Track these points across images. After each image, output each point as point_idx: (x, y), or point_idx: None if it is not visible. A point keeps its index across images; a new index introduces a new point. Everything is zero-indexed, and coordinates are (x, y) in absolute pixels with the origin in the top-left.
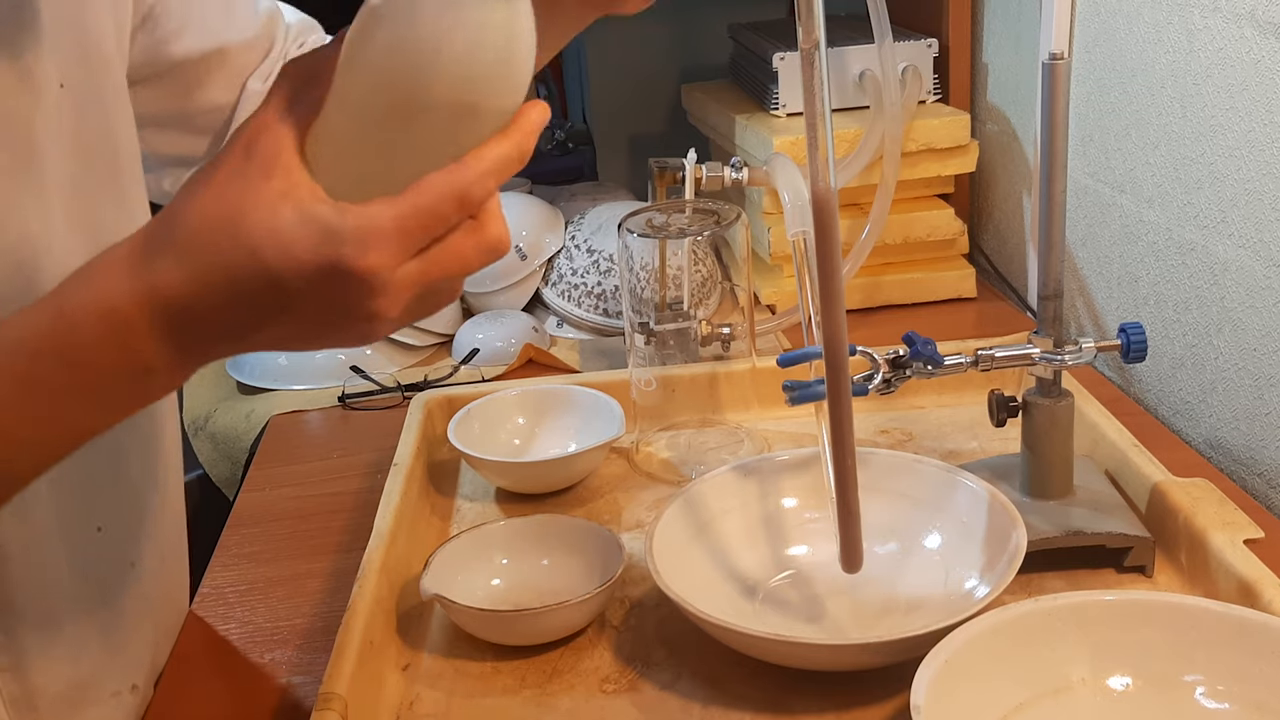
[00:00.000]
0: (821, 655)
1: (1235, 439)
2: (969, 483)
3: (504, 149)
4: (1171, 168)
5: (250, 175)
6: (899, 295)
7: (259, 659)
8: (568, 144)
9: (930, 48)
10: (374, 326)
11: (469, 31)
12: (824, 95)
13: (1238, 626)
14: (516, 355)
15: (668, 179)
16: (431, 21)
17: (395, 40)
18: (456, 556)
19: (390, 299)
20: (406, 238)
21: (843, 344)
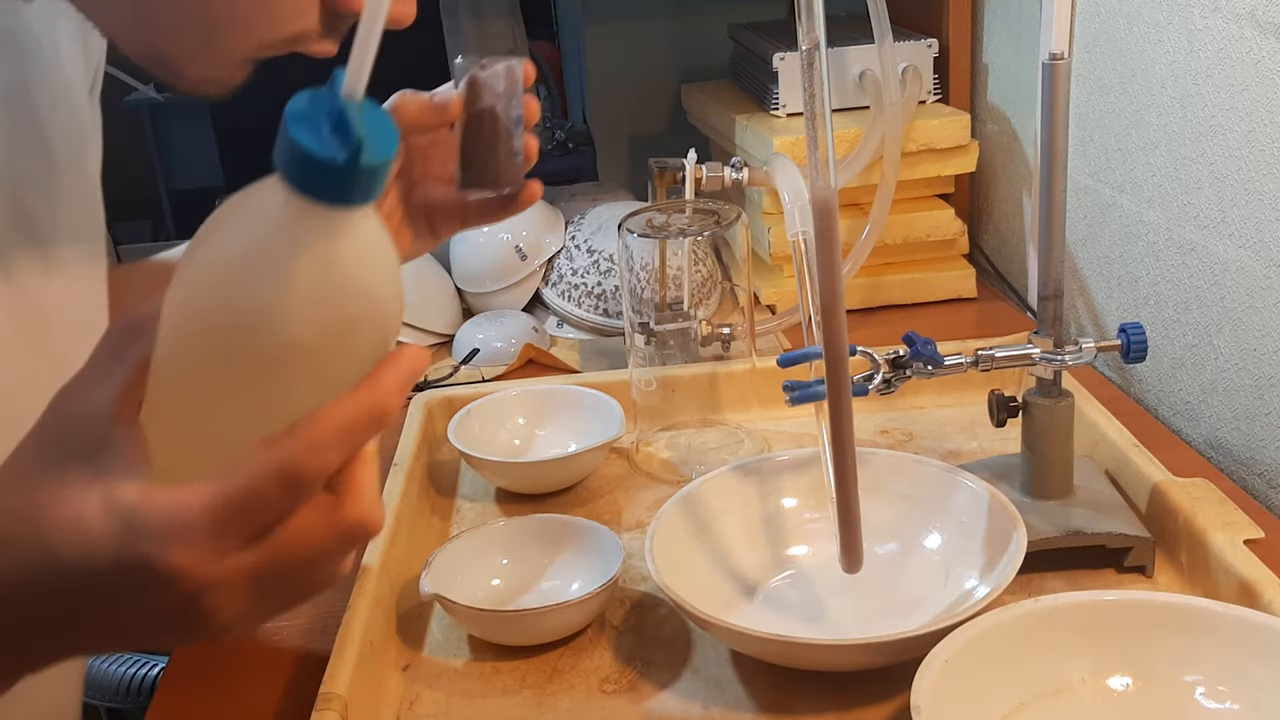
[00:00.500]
0: (821, 655)
1: (1235, 439)
2: (969, 483)
3: (348, 411)
4: (1172, 168)
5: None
6: (899, 295)
7: (259, 659)
8: (568, 144)
9: (930, 48)
10: (212, 625)
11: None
12: (824, 95)
13: (1238, 626)
14: (516, 355)
15: (668, 179)
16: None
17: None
18: (456, 556)
19: (220, 596)
20: (220, 529)
21: (843, 344)
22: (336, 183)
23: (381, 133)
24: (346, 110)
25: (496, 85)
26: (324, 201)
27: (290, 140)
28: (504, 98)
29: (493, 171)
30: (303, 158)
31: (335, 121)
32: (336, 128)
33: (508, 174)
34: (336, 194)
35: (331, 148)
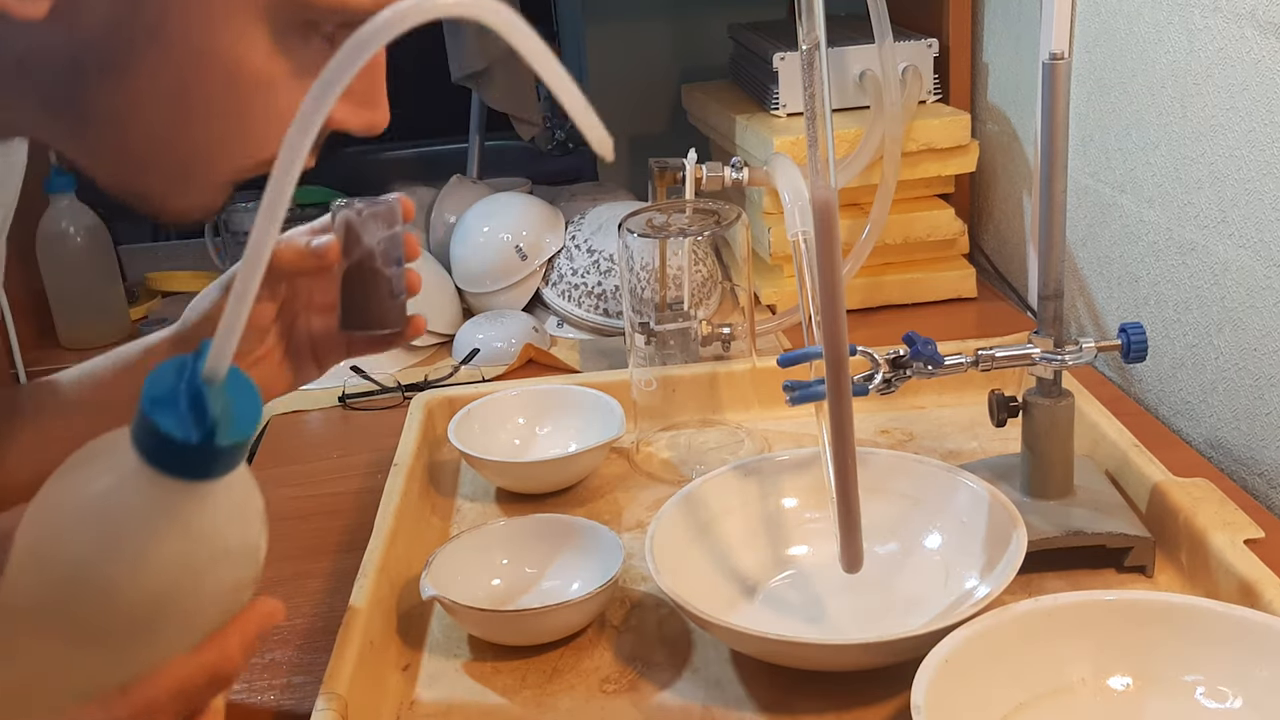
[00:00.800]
0: (821, 655)
1: (1236, 439)
2: (969, 483)
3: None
4: (1172, 167)
5: None
6: (899, 295)
7: (259, 659)
8: (568, 144)
9: (930, 48)
10: None
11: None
12: (824, 95)
13: (1238, 626)
14: (517, 355)
15: (668, 179)
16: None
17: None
18: (456, 556)
19: None
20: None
21: (843, 344)
22: (191, 462)
23: (243, 408)
24: (205, 392)
25: (375, 228)
26: (177, 477)
27: (146, 418)
28: (382, 240)
29: (374, 314)
30: (158, 436)
31: (193, 401)
32: (194, 407)
33: (389, 316)
34: (191, 470)
35: (187, 429)
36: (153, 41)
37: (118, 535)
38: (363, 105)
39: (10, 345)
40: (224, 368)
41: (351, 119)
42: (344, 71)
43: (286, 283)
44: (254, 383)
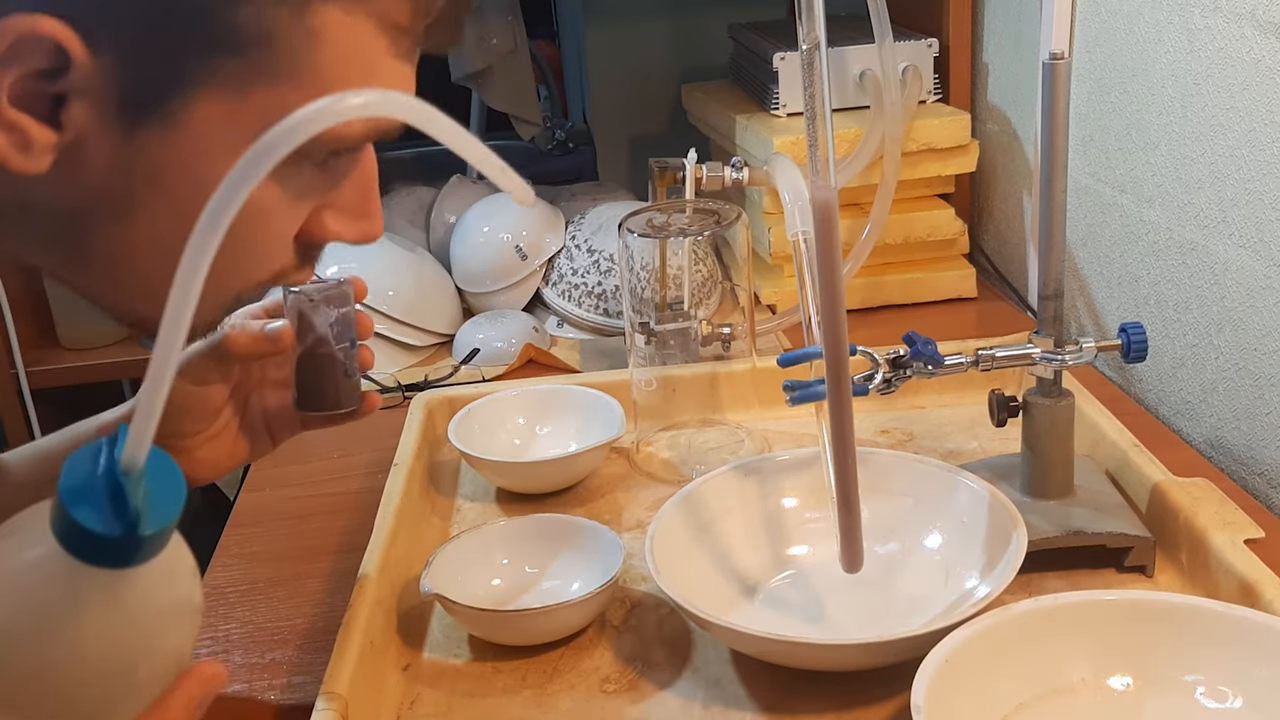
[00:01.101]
0: (821, 655)
1: (1236, 439)
2: (969, 483)
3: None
4: (1172, 167)
5: None
6: (899, 295)
7: (259, 659)
8: (568, 144)
9: (930, 48)
10: None
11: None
12: (824, 95)
13: (1238, 626)
14: (517, 355)
15: (668, 179)
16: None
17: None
18: (456, 556)
19: None
20: None
21: (843, 344)
22: (115, 553)
23: (165, 492)
24: (124, 483)
25: (327, 312)
26: (102, 567)
27: (64, 511)
28: (335, 323)
29: (329, 396)
30: (78, 531)
31: (112, 492)
32: (113, 499)
33: (344, 397)
34: (115, 561)
35: (108, 523)
36: (152, 189)
37: (44, 612)
38: (358, 218)
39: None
40: (142, 456)
41: (346, 231)
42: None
43: (241, 365)
44: (175, 464)
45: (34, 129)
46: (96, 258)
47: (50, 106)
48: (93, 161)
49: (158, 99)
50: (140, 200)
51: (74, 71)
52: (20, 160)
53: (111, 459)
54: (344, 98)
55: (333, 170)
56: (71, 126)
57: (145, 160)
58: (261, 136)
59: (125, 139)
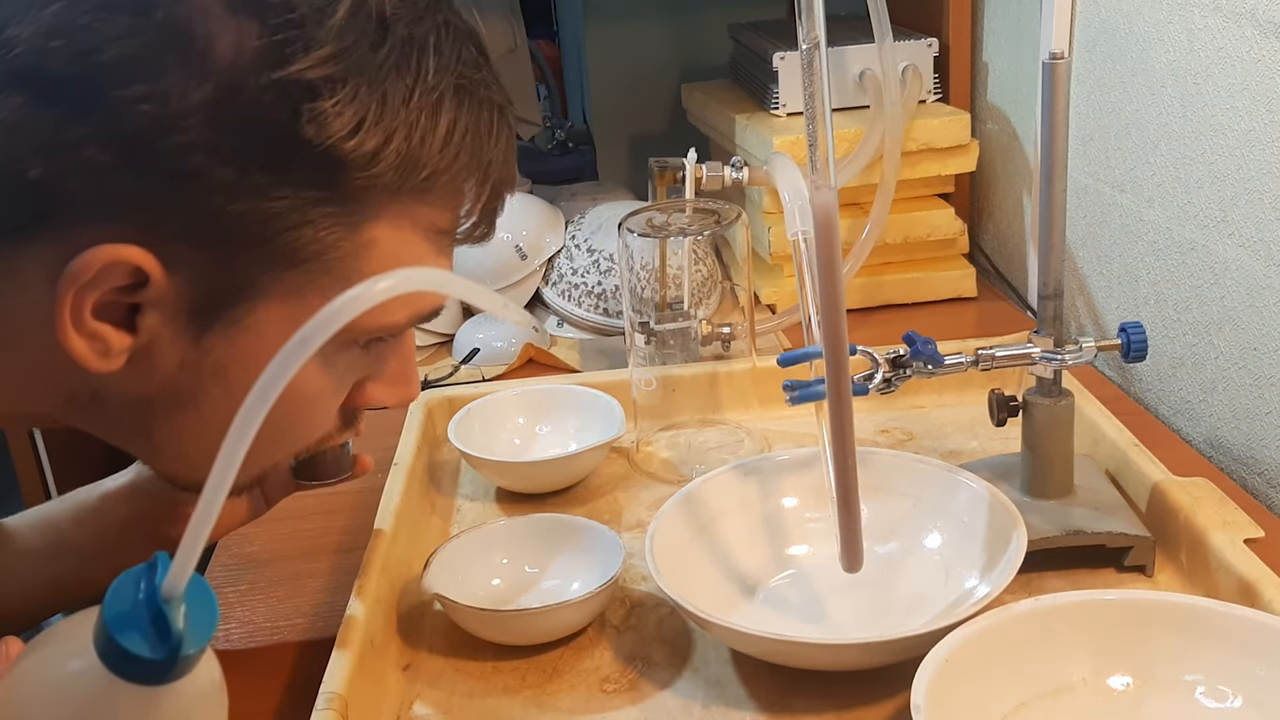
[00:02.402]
0: (821, 655)
1: (1235, 438)
2: (969, 482)
3: None
4: (1172, 167)
5: None
6: (899, 295)
7: (259, 658)
8: (568, 144)
9: (930, 47)
10: None
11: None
12: (824, 95)
13: (1238, 626)
14: (516, 355)
15: (668, 179)
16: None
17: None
18: (456, 556)
19: None
20: None
21: (843, 344)
22: (156, 673)
23: (201, 613)
24: (166, 610)
25: None
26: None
27: (110, 637)
28: None
29: (323, 467)
30: (123, 654)
31: (155, 619)
32: (156, 624)
33: (338, 465)
34: (155, 679)
35: (152, 646)
36: (217, 383)
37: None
38: (398, 385)
39: None
40: (182, 585)
41: (387, 398)
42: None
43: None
44: (208, 586)
45: (112, 336)
46: (161, 439)
47: (127, 314)
48: (163, 360)
49: (225, 307)
50: (206, 392)
51: (151, 288)
52: (98, 363)
53: (153, 587)
54: (374, 282)
55: (376, 352)
56: (146, 331)
57: (212, 359)
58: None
59: (194, 342)
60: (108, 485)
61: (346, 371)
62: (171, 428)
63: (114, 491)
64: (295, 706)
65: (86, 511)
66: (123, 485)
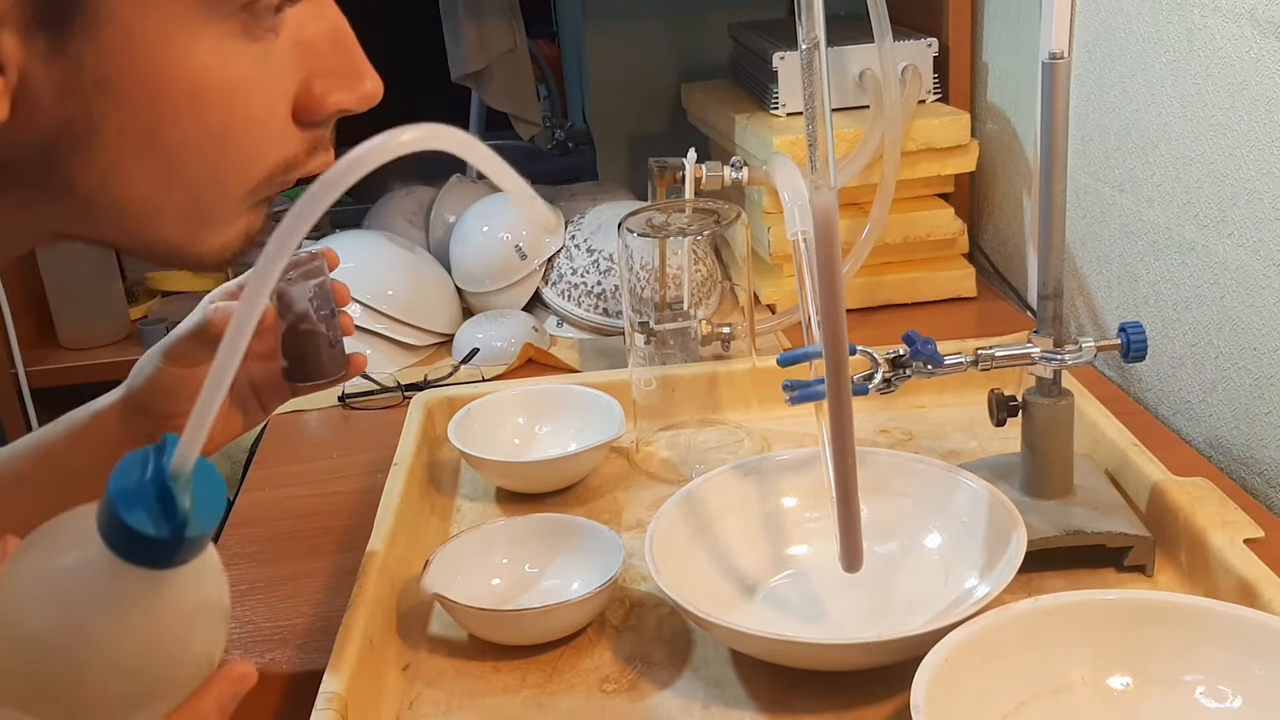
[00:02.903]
0: (821, 655)
1: (1235, 438)
2: (969, 482)
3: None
4: (1171, 167)
5: None
6: (899, 295)
7: (259, 659)
8: (568, 144)
9: (930, 47)
10: None
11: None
12: (824, 95)
13: (1238, 626)
14: (516, 355)
15: (668, 179)
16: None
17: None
18: (456, 556)
19: None
20: None
21: (843, 344)
22: (160, 554)
23: (208, 496)
24: (172, 488)
25: (304, 287)
26: (148, 567)
27: (115, 514)
28: (313, 297)
29: (315, 367)
30: (127, 532)
31: (161, 497)
32: (162, 503)
33: (330, 365)
34: (159, 562)
35: (157, 525)
36: (105, 98)
37: (82, 614)
38: (349, 78)
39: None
40: (190, 463)
41: (343, 96)
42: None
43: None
44: (217, 472)
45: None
46: (86, 190)
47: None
48: (43, 91)
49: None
50: (101, 114)
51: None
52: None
53: (160, 465)
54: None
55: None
56: (9, 63)
57: (87, 71)
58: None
59: (60, 56)
60: (99, 404)
61: (277, 67)
62: (88, 172)
63: (106, 409)
64: (295, 706)
65: (79, 432)
66: (114, 402)
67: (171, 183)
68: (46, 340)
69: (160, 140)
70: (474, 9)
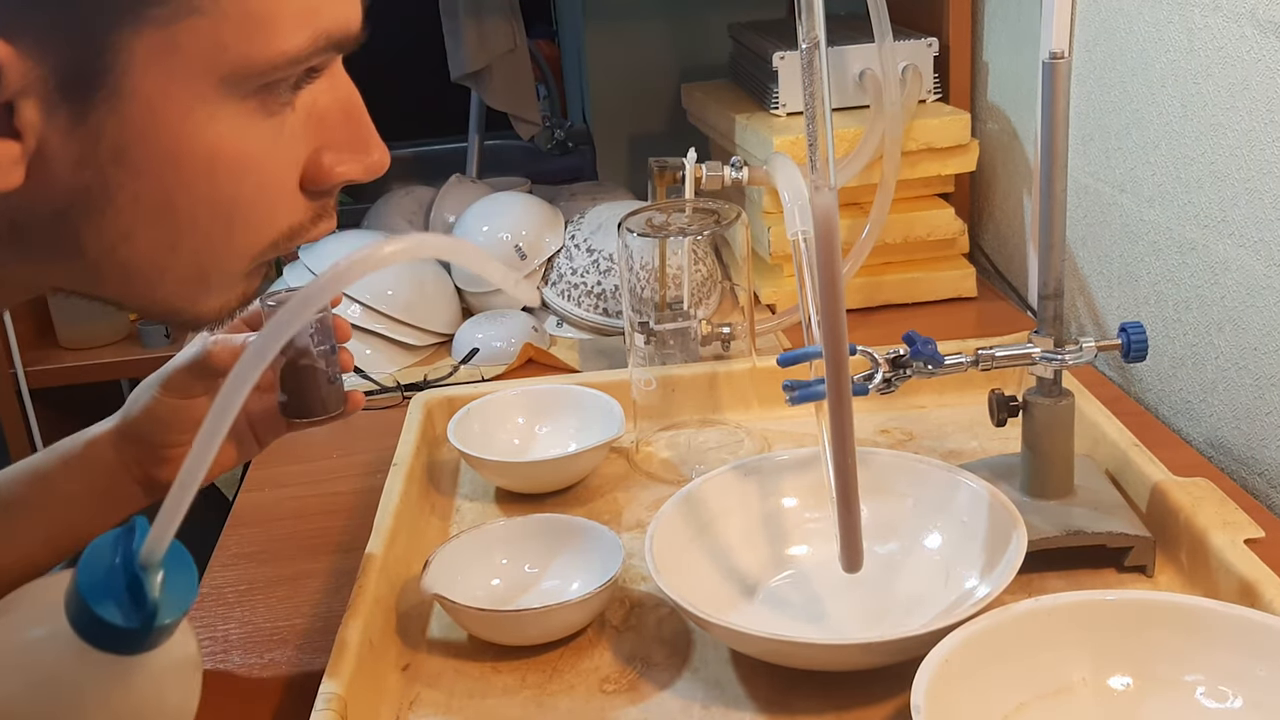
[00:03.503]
0: (821, 655)
1: (1236, 438)
2: (969, 482)
3: None
4: (1172, 167)
5: None
6: (899, 295)
7: (259, 659)
8: (568, 144)
9: (930, 47)
10: None
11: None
12: (824, 94)
13: (1238, 626)
14: (516, 355)
15: (668, 178)
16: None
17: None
18: (456, 556)
19: None
20: None
21: (843, 344)
22: (129, 642)
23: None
24: (143, 578)
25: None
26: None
27: (84, 603)
28: (314, 332)
29: (313, 403)
30: (96, 622)
31: (131, 586)
32: (132, 592)
33: (328, 402)
34: (129, 649)
35: (127, 616)
36: (121, 168)
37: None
38: (356, 150)
39: (9, 345)
40: (161, 552)
41: (350, 169)
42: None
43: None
44: (187, 553)
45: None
46: (95, 253)
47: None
48: (60, 159)
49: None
50: (117, 184)
51: (7, 74)
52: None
53: (129, 551)
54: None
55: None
56: (28, 130)
57: (106, 142)
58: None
59: (80, 126)
60: (93, 432)
61: (290, 139)
62: (98, 235)
63: (100, 437)
64: (295, 706)
65: (74, 459)
66: (108, 430)
67: (179, 249)
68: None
69: (173, 209)
70: (474, 9)
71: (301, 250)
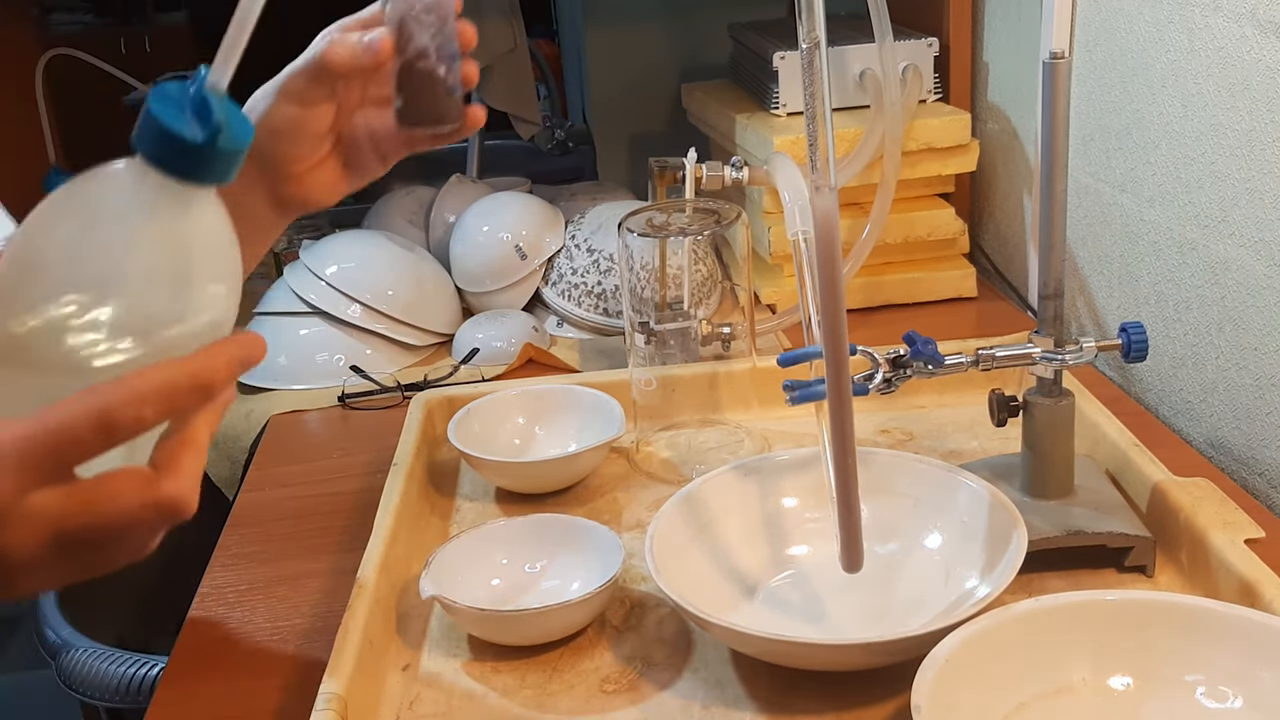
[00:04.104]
0: (821, 655)
1: (1236, 438)
2: (969, 482)
3: (169, 375)
4: (1172, 167)
5: None
6: (899, 295)
7: (259, 659)
8: (568, 144)
9: (930, 47)
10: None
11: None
12: (824, 94)
13: (1239, 626)
14: (516, 355)
15: (668, 178)
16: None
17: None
18: (456, 556)
19: (17, 532)
20: (27, 462)
21: (843, 344)
22: (194, 161)
23: (239, 123)
24: (208, 99)
25: (427, 24)
26: (179, 177)
27: (153, 119)
28: (435, 35)
29: (431, 111)
30: (164, 135)
31: (197, 107)
32: (198, 113)
33: (447, 111)
34: (192, 171)
35: (193, 129)
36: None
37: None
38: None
39: None
40: (226, 80)
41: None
42: None
43: (343, 82)
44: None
45: None
46: None
47: None
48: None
49: None
50: None
51: None
52: None
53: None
54: None
55: None
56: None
57: None
58: None
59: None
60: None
61: None
62: None
63: None
64: (295, 706)
65: None
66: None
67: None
68: None
69: None
70: (474, 9)
71: (302, 250)
